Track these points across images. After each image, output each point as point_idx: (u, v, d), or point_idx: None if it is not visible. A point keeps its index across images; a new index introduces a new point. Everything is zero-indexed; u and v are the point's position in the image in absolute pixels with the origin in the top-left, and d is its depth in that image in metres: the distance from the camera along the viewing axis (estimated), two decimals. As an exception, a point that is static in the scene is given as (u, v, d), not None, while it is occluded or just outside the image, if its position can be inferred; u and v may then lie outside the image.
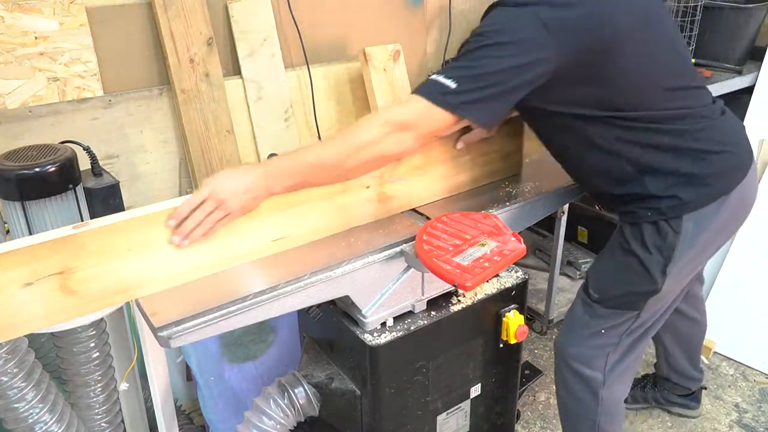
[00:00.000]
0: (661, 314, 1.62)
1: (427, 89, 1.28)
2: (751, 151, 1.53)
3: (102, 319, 1.59)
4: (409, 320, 1.43)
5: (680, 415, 2.21)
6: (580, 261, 2.83)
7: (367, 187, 1.44)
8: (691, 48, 2.48)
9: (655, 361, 2.19)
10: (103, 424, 1.66)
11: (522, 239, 1.30)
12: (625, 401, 1.77)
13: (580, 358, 1.64)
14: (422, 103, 1.27)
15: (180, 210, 1.22)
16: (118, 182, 1.57)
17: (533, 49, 1.25)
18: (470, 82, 1.25)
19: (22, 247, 1.08)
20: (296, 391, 1.52)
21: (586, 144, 1.44)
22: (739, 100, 2.57)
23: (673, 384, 2.16)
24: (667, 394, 2.19)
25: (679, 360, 2.08)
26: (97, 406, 1.64)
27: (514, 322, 1.52)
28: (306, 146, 1.31)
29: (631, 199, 1.47)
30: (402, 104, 1.30)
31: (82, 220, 1.52)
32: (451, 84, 1.25)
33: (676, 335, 2.01)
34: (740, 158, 1.48)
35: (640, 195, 1.45)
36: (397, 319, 1.42)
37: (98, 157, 1.62)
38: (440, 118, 1.27)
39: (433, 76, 1.28)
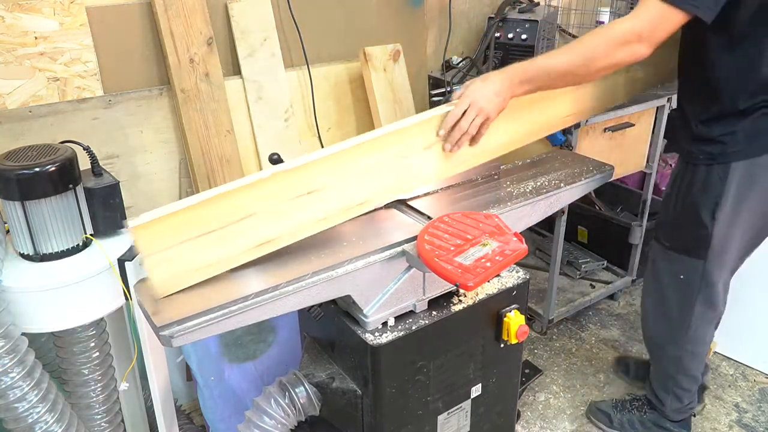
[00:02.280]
0: (726, 270, 1.76)
1: None
2: None
3: (102, 319, 1.59)
4: (411, 320, 1.43)
5: None
6: (580, 261, 2.84)
7: (627, 71, 1.71)
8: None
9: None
10: (103, 424, 1.66)
11: (523, 239, 1.30)
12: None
13: (671, 300, 1.83)
14: (657, 7, 1.34)
15: (447, 122, 1.42)
16: (118, 182, 1.57)
17: None
18: None
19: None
20: (297, 390, 1.52)
21: (717, 67, 1.55)
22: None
23: None
24: None
25: None
26: (97, 406, 1.64)
27: (514, 321, 1.52)
28: (543, 55, 1.49)
29: (698, 138, 1.62)
30: (632, 17, 1.37)
31: (83, 221, 1.52)
32: None
33: None
34: None
35: (704, 136, 1.60)
36: (398, 318, 1.42)
37: (98, 157, 1.62)
38: (675, 20, 1.35)
39: None
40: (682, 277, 1.78)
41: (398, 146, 1.37)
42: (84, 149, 1.57)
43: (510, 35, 2.53)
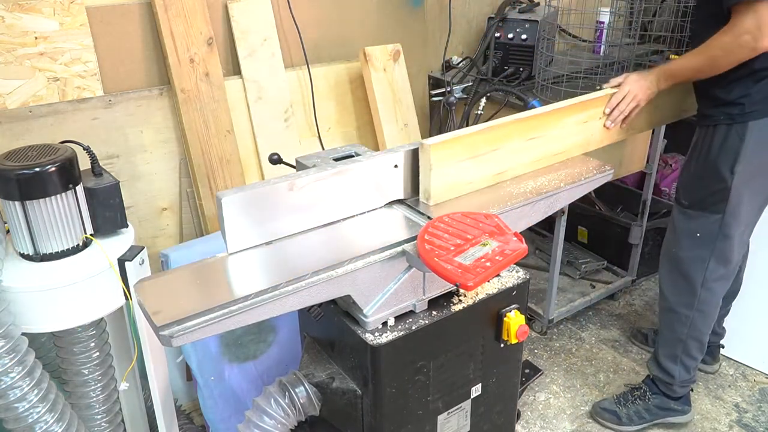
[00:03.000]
0: (743, 228, 1.94)
1: None
2: None
3: (102, 319, 1.59)
4: (411, 320, 1.43)
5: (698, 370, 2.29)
6: (580, 261, 2.84)
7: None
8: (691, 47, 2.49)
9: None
10: (103, 424, 1.66)
11: (523, 239, 1.30)
12: None
13: (685, 259, 2.00)
14: (764, 8, 1.58)
15: (611, 102, 1.84)
16: (118, 182, 1.57)
17: None
18: None
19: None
20: (297, 390, 1.51)
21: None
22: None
23: None
24: None
25: None
26: (97, 406, 1.64)
27: (514, 321, 1.52)
28: (680, 57, 1.91)
29: (718, 102, 1.84)
30: (739, 21, 1.63)
31: (83, 220, 1.52)
32: None
33: None
34: None
35: (723, 100, 1.82)
36: (398, 318, 1.42)
37: (98, 157, 1.62)
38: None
39: None
40: (698, 234, 1.95)
41: (582, 113, 1.78)
42: (84, 149, 1.57)
43: (510, 35, 2.53)
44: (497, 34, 2.57)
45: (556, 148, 1.74)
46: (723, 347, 2.39)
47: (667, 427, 2.18)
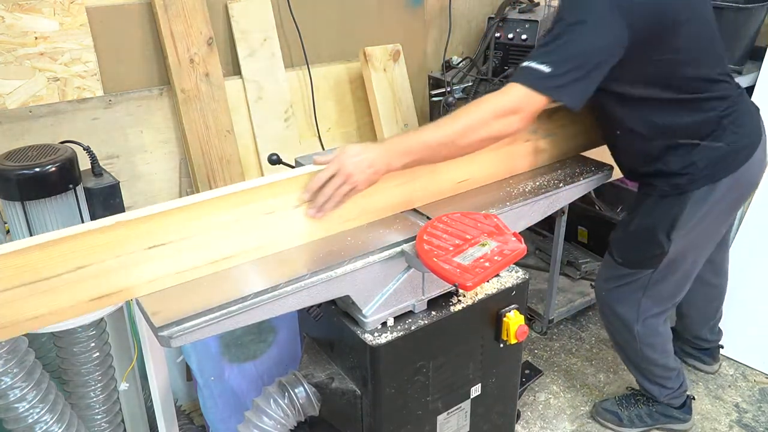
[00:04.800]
0: (681, 273, 1.83)
1: (524, 76, 1.40)
2: (761, 129, 1.70)
3: (102, 319, 1.59)
4: (410, 320, 1.43)
5: (695, 369, 2.32)
6: (580, 261, 2.83)
7: (527, 140, 1.68)
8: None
9: None
10: (103, 424, 1.66)
11: (522, 239, 1.30)
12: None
13: (615, 301, 1.92)
14: (522, 90, 1.39)
15: (311, 185, 1.33)
16: (118, 182, 1.57)
17: (611, 29, 1.40)
18: (562, 65, 1.38)
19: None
20: (297, 390, 1.52)
21: (633, 124, 1.63)
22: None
23: (686, 338, 2.29)
24: (681, 345, 2.29)
25: (693, 323, 2.22)
26: (97, 406, 1.64)
27: (514, 321, 1.52)
28: (421, 127, 1.43)
29: (654, 174, 1.69)
30: (503, 93, 1.42)
31: (83, 220, 1.52)
32: (545, 69, 1.37)
33: (692, 300, 2.10)
34: (750, 139, 1.66)
35: (662, 171, 1.66)
36: (397, 318, 1.42)
37: (98, 157, 1.62)
38: (539, 100, 1.39)
39: (526, 63, 1.41)
40: (629, 281, 1.86)
41: (266, 201, 1.29)
42: (84, 149, 1.57)
43: (510, 35, 2.53)
44: (497, 34, 2.56)
45: (211, 254, 1.25)
46: (723, 347, 2.38)
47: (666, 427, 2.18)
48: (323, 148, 2.38)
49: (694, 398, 2.18)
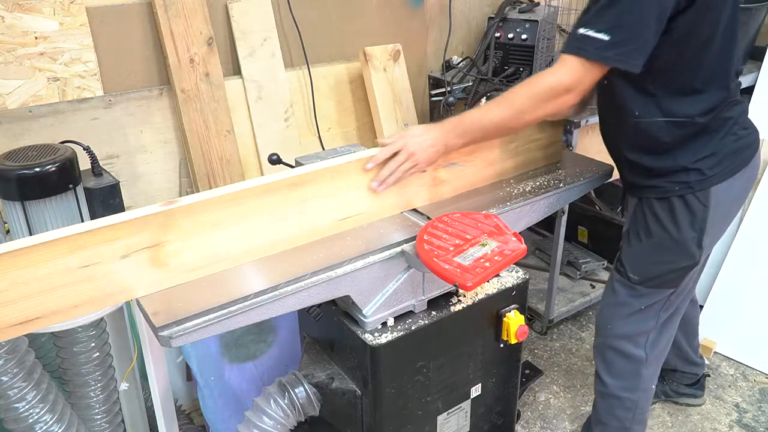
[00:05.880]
0: (689, 289, 1.70)
1: (581, 48, 1.31)
2: (756, 128, 1.61)
3: (102, 319, 1.59)
4: (410, 320, 1.43)
5: (687, 405, 2.24)
6: (580, 261, 2.83)
7: (423, 171, 1.52)
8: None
9: None
10: (103, 424, 1.66)
11: (523, 239, 1.30)
12: None
13: (625, 336, 1.70)
14: (579, 65, 1.31)
15: (378, 156, 1.40)
16: (118, 182, 1.57)
17: None
18: (621, 31, 1.28)
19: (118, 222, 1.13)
20: (297, 390, 1.52)
21: (645, 113, 1.47)
22: (739, 99, 2.57)
23: (681, 373, 2.19)
24: (675, 386, 2.21)
25: (682, 344, 2.10)
26: (97, 406, 1.64)
27: (514, 322, 1.52)
28: (476, 109, 1.46)
29: (662, 172, 1.51)
30: (557, 70, 1.34)
31: (83, 220, 1.52)
32: (604, 36, 1.28)
33: (684, 318, 1.97)
34: (756, 134, 1.57)
35: (670, 168, 1.49)
36: (397, 318, 1.42)
37: (98, 157, 1.62)
38: (598, 73, 1.32)
39: (582, 30, 1.30)
40: (643, 308, 1.65)
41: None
42: (84, 149, 1.57)
43: (510, 35, 2.53)
44: (497, 34, 2.56)
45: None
46: (710, 376, 2.28)
47: (668, 426, 2.18)
48: (323, 148, 2.38)
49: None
